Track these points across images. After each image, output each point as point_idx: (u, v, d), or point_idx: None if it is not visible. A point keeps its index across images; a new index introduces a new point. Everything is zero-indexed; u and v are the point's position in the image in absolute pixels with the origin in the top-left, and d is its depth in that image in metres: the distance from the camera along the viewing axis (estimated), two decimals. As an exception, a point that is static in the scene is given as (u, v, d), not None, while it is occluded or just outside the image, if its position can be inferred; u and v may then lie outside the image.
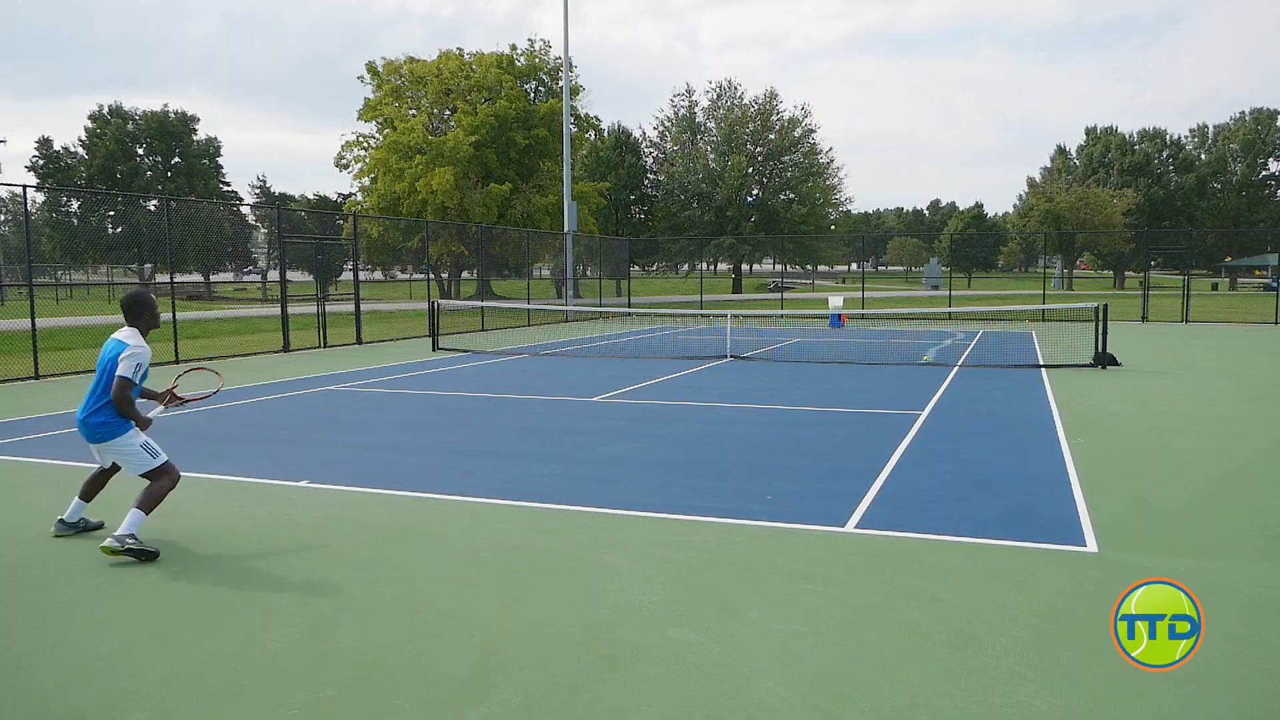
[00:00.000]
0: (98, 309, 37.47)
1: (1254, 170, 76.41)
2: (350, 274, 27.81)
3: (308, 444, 8.81)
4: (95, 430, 5.46)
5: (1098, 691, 3.53)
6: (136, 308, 5.62)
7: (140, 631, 4.22)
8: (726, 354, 17.07)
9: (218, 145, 60.19)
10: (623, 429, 9.42)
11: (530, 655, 3.91)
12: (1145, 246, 35.43)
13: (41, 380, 14.02)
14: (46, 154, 55.00)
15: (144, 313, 5.64)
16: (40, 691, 3.63)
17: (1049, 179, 75.40)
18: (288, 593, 4.71)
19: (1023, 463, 7.65)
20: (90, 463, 6.00)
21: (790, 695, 3.53)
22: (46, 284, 46.80)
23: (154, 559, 5.20)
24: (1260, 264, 73.38)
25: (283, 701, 3.51)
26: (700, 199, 60.12)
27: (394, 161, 39.93)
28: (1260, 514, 6.10)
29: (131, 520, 5.29)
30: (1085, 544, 5.38)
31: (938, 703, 3.46)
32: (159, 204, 47.97)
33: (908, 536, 5.55)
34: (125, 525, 5.27)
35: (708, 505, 6.29)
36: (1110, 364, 14.78)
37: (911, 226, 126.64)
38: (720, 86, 61.91)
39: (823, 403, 11.17)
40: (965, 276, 71.60)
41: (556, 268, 37.82)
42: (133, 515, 5.30)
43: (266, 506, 6.43)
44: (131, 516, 5.29)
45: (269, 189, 67.84)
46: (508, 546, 5.41)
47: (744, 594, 4.61)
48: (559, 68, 43.87)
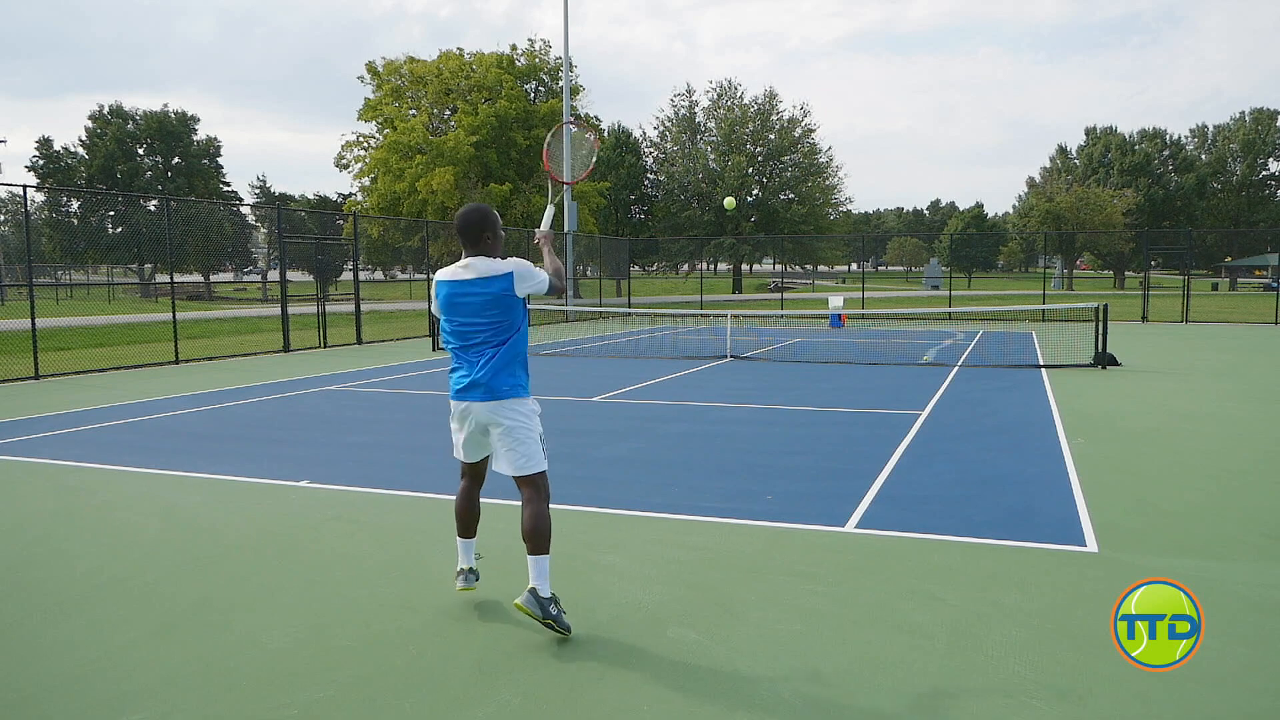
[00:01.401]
0: (98, 309, 37.48)
1: (1254, 170, 76.44)
2: (350, 274, 27.81)
3: (308, 444, 8.81)
4: (501, 389, 4.03)
5: (1098, 691, 3.53)
6: (479, 226, 4.07)
7: (140, 631, 4.22)
8: (726, 354, 17.07)
9: (218, 145, 60.24)
10: (623, 429, 9.42)
11: (530, 655, 3.91)
12: (1145, 246, 35.34)
13: (41, 380, 14.02)
14: (46, 154, 55.01)
15: (485, 234, 4.10)
16: (40, 691, 3.63)
17: (1049, 179, 75.39)
18: (288, 593, 4.71)
19: (1023, 463, 7.65)
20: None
21: (790, 695, 3.53)
22: (46, 284, 46.77)
23: (568, 636, 4.05)
24: (1260, 264, 73.38)
25: (283, 701, 3.51)
26: (700, 199, 60.13)
27: (394, 161, 39.92)
28: (1260, 514, 6.10)
29: (543, 571, 4.01)
30: (1085, 544, 5.38)
31: (938, 703, 3.46)
32: (159, 204, 47.99)
33: (908, 536, 5.55)
34: (542, 579, 4.00)
35: (708, 505, 6.28)
36: (1110, 364, 14.78)
37: (911, 226, 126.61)
38: (720, 86, 62.04)
39: (823, 403, 11.17)
40: (965, 276, 71.60)
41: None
42: (541, 563, 4.01)
43: (266, 506, 6.43)
44: (540, 565, 4.01)
45: (269, 189, 67.82)
46: (507, 547, 5.41)
47: (744, 594, 4.61)
48: (559, 68, 43.87)
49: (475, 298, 4.03)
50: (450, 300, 4.07)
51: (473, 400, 4.08)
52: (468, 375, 4.09)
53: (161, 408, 11.09)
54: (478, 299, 4.03)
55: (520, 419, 4.09)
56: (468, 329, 4.08)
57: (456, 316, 4.08)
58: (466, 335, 4.09)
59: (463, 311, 4.06)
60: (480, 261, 4.06)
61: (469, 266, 4.06)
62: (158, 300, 45.24)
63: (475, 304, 4.04)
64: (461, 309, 4.06)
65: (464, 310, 4.06)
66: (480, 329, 4.06)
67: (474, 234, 4.09)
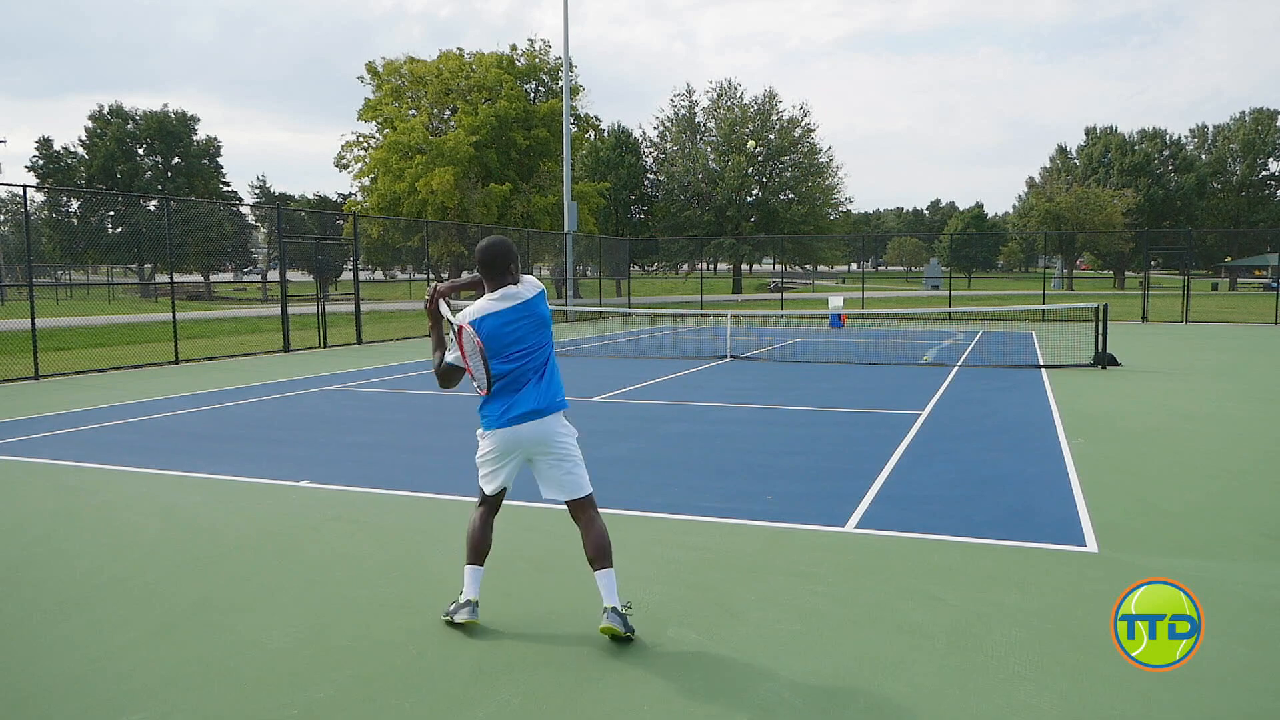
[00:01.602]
0: (98, 309, 37.48)
1: (1254, 170, 76.41)
2: (350, 274, 27.81)
3: (308, 444, 8.81)
4: (559, 404, 4.16)
5: (1098, 691, 3.53)
6: (505, 259, 4.10)
7: (140, 631, 4.22)
8: (726, 354, 17.07)
9: (218, 145, 60.20)
10: (623, 429, 9.42)
11: (530, 655, 3.91)
12: (1145, 246, 35.37)
13: (41, 380, 14.02)
14: (46, 154, 54.99)
15: (511, 264, 4.14)
16: (40, 691, 3.63)
17: (1049, 179, 75.39)
18: (288, 593, 4.71)
19: (1023, 463, 7.65)
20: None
21: (790, 695, 3.53)
22: (46, 284, 46.75)
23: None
24: (1260, 264, 73.39)
25: (283, 701, 3.51)
26: (700, 199, 60.13)
27: (394, 161, 39.91)
28: (1260, 514, 6.10)
29: (613, 584, 4.06)
30: (1085, 544, 5.38)
31: (938, 703, 3.46)
32: (159, 204, 48.00)
33: (908, 536, 5.55)
34: (615, 593, 4.05)
35: (707, 505, 6.28)
36: (1110, 364, 14.78)
37: (911, 226, 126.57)
38: (720, 86, 62.02)
39: (823, 403, 11.17)
40: (965, 276, 71.61)
41: (556, 268, 37.81)
42: (611, 576, 4.05)
43: (266, 506, 6.43)
44: (611, 578, 4.05)
45: (269, 189, 67.80)
46: (507, 546, 5.41)
47: (744, 594, 4.61)
48: (559, 68, 43.86)
49: (527, 320, 4.07)
50: (499, 331, 4.02)
51: (533, 421, 4.06)
52: (529, 399, 4.06)
53: (161, 408, 11.09)
54: (530, 320, 4.07)
55: (570, 443, 4.16)
56: (526, 351, 4.07)
57: (512, 346, 4.04)
58: (527, 357, 4.07)
59: (515, 337, 4.05)
60: (511, 289, 4.08)
61: (505, 296, 4.06)
62: (158, 300, 45.22)
63: (527, 326, 4.07)
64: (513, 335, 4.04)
65: (516, 335, 4.05)
66: (539, 349, 4.11)
67: (503, 265, 4.09)
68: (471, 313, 4.05)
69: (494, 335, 4.00)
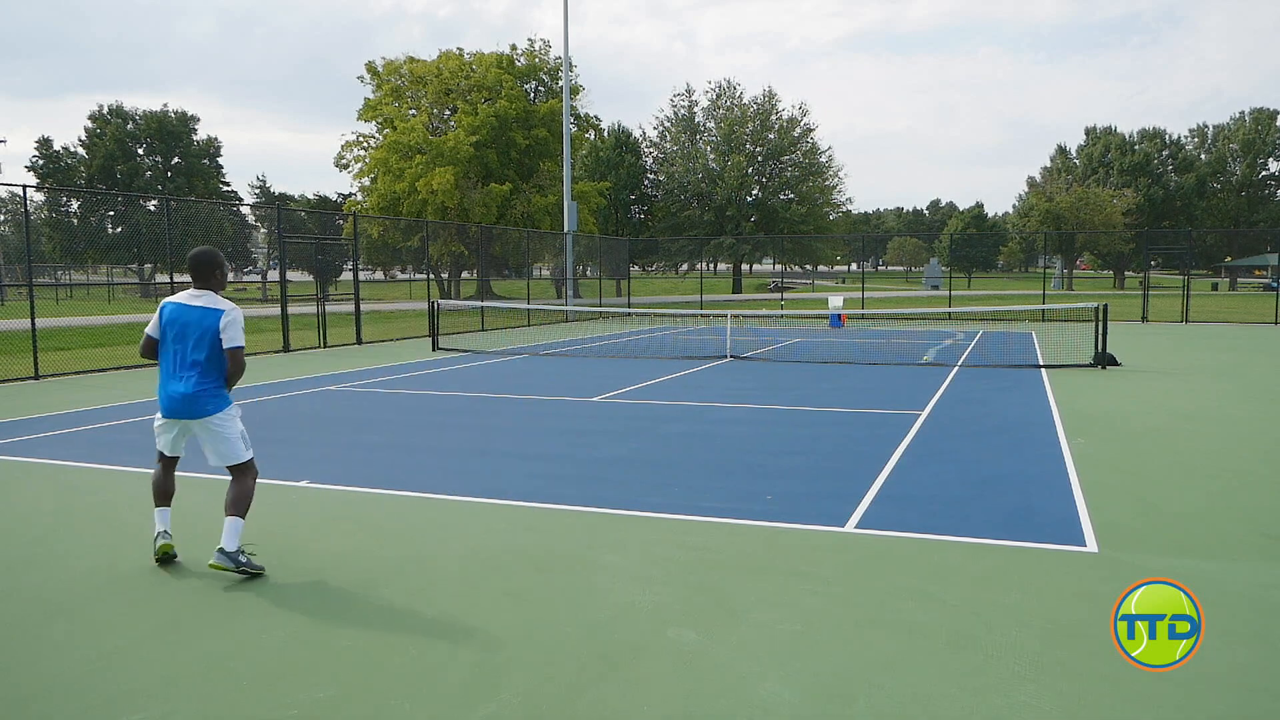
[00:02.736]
0: (98, 309, 37.48)
1: (1254, 170, 76.41)
2: (350, 274, 27.80)
3: (308, 444, 8.81)
4: (203, 403, 4.95)
5: (1098, 691, 3.53)
6: (208, 267, 5.00)
7: (140, 631, 4.22)
8: (726, 354, 17.07)
9: (218, 145, 60.28)
10: (623, 429, 9.42)
11: (530, 655, 3.91)
12: (1145, 246, 35.37)
13: (41, 380, 14.01)
14: (46, 154, 55.03)
15: (216, 271, 5.03)
16: (40, 692, 3.63)
17: (1049, 179, 75.42)
18: (288, 593, 4.71)
19: (1023, 463, 7.65)
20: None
21: (790, 695, 3.53)
22: (46, 284, 46.78)
23: (261, 575, 4.87)
24: (1260, 264, 73.44)
25: (283, 701, 3.51)
26: (700, 199, 60.12)
27: (394, 161, 39.94)
28: (1260, 514, 6.10)
29: (235, 529, 4.86)
30: (1085, 544, 5.38)
31: (938, 703, 3.46)
32: (159, 204, 47.99)
33: (908, 536, 5.55)
34: (233, 538, 4.84)
35: (708, 505, 6.28)
36: (1110, 364, 14.78)
37: (911, 226, 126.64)
38: (720, 86, 62.01)
39: (823, 403, 11.17)
40: (965, 276, 71.66)
41: (556, 268, 37.83)
42: (234, 524, 4.87)
43: (266, 506, 6.42)
44: (233, 526, 4.87)
45: (269, 189, 67.85)
46: (508, 546, 5.41)
47: (744, 594, 4.61)
48: (559, 68, 43.88)
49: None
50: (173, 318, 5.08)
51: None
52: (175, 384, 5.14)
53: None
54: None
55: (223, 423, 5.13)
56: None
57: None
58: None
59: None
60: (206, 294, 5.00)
61: (196, 296, 5.00)
62: (157, 300, 45.18)
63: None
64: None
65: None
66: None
67: (207, 272, 5.01)
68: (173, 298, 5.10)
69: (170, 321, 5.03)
